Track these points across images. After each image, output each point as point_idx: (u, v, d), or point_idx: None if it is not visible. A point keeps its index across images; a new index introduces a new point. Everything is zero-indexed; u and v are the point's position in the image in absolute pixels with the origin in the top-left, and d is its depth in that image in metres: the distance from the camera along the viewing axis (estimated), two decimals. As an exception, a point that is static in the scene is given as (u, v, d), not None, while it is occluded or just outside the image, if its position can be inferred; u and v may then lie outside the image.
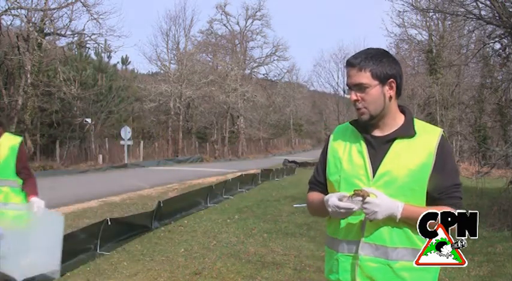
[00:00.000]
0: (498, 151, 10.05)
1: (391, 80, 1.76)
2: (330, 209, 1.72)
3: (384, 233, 1.73)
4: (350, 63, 1.78)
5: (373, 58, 1.76)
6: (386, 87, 1.76)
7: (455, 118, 25.51)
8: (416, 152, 1.75)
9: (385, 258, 1.74)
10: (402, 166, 1.74)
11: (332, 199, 1.72)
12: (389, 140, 1.79)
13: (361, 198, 1.66)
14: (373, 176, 1.75)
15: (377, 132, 1.82)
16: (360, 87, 1.76)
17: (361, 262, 1.75)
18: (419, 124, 1.82)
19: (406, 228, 1.73)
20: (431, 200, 1.74)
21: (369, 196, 1.64)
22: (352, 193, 1.68)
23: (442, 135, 1.79)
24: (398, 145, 1.77)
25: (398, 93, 1.80)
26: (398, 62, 1.80)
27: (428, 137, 1.78)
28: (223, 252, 5.84)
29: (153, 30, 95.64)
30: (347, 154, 1.83)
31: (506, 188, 8.54)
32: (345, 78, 2.05)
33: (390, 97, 1.78)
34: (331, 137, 1.93)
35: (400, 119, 1.82)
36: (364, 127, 1.83)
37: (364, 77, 1.75)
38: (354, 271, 1.77)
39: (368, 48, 1.82)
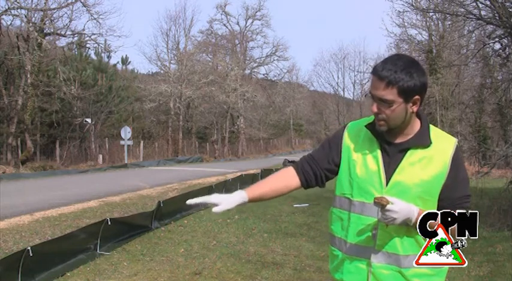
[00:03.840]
0: (498, 151, 10.04)
1: (417, 97, 1.69)
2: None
3: (396, 243, 1.74)
4: (378, 75, 1.69)
5: (402, 72, 1.65)
6: (410, 104, 1.70)
7: (455, 118, 25.48)
8: (430, 162, 1.73)
9: (397, 265, 1.74)
10: (416, 176, 1.72)
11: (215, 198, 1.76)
12: (404, 148, 1.76)
13: (380, 206, 1.64)
14: (386, 185, 1.74)
15: (393, 139, 1.78)
16: (384, 102, 1.69)
17: (374, 269, 1.76)
18: (434, 132, 1.79)
19: (418, 236, 1.71)
20: (440, 209, 1.72)
21: (388, 203, 1.63)
22: (372, 200, 1.66)
23: (457, 145, 1.77)
24: (413, 155, 1.75)
25: (420, 105, 1.74)
26: (425, 73, 1.72)
27: (443, 147, 1.75)
28: (223, 252, 5.84)
29: (153, 30, 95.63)
30: (361, 158, 1.80)
31: (506, 188, 8.54)
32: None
33: (412, 112, 1.73)
34: (346, 133, 1.88)
35: (416, 126, 1.78)
36: (380, 132, 1.78)
37: (390, 93, 1.67)
38: (360, 275, 1.78)
39: (398, 58, 1.71)
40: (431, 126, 1.79)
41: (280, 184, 1.92)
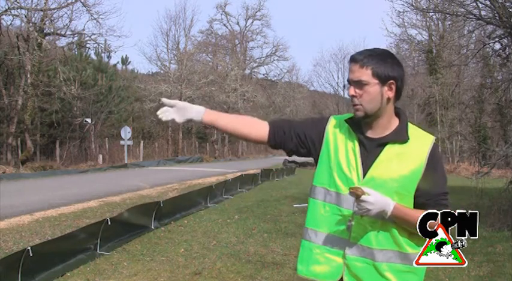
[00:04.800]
0: (498, 151, 10.04)
1: (391, 81, 1.75)
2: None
3: (370, 236, 1.75)
4: (353, 59, 1.78)
5: (377, 57, 1.75)
6: (386, 88, 1.75)
7: (455, 118, 25.51)
8: (407, 158, 1.75)
9: (371, 259, 1.75)
10: (392, 171, 1.74)
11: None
12: (381, 143, 1.78)
13: (355, 196, 1.66)
14: (363, 178, 1.76)
15: (370, 134, 1.81)
16: (359, 84, 1.75)
17: (348, 261, 1.77)
18: (412, 129, 1.82)
19: (393, 230, 1.74)
20: (418, 206, 1.74)
21: (363, 193, 1.65)
22: (348, 190, 1.68)
23: (434, 143, 1.79)
24: (390, 150, 1.77)
25: (397, 96, 1.79)
26: (402, 66, 1.80)
27: (420, 143, 1.78)
28: (223, 252, 5.84)
29: (153, 30, 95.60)
30: (340, 151, 1.82)
31: (506, 188, 8.52)
32: (345, 77, 2.05)
33: (388, 99, 1.77)
34: (329, 124, 1.89)
35: (394, 122, 1.82)
36: (358, 126, 1.82)
37: (365, 74, 1.73)
38: (333, 266, 1.78)
39: (374, 48, 1.82)
40: (409, 124, 1.83)
41: (246, 127, 1.91)
